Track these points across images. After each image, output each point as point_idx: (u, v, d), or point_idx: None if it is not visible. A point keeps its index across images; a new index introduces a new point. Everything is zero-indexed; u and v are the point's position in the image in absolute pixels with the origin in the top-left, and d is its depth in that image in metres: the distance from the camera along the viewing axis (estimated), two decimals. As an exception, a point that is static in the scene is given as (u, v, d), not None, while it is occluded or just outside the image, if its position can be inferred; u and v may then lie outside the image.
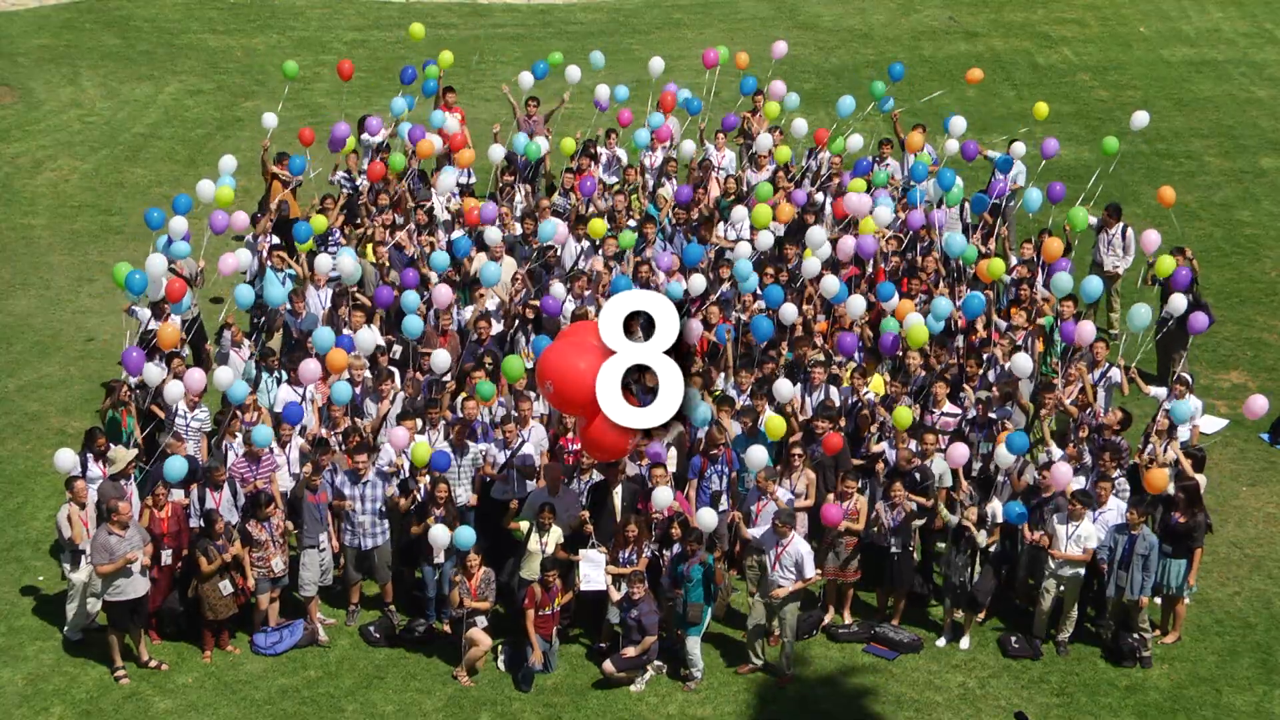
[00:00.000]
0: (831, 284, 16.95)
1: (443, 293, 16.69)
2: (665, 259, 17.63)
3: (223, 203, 18.03)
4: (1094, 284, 17.00)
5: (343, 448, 15.01)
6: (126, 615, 14.04)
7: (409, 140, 19.93)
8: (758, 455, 14.52)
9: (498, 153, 19.88)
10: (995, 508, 14.70)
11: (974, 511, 14.45)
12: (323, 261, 17.49)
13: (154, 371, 15.36)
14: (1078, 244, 18.71)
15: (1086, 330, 16.24)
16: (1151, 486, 14.36)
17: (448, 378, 16.06)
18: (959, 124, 20.28)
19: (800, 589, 14.18)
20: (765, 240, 17.88)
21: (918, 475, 14.97)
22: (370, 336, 16.08)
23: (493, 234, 17.97)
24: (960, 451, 14.63)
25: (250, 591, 14.50)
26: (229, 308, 17.69)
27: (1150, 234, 17.83)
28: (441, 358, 15.69)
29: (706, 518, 14.13)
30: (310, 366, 15.70)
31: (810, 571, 14.11)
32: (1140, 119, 20.42)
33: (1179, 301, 16.74)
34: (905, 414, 15.11)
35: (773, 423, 15.07)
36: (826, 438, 15.05)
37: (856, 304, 16.77)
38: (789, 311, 16.65)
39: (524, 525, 14.61)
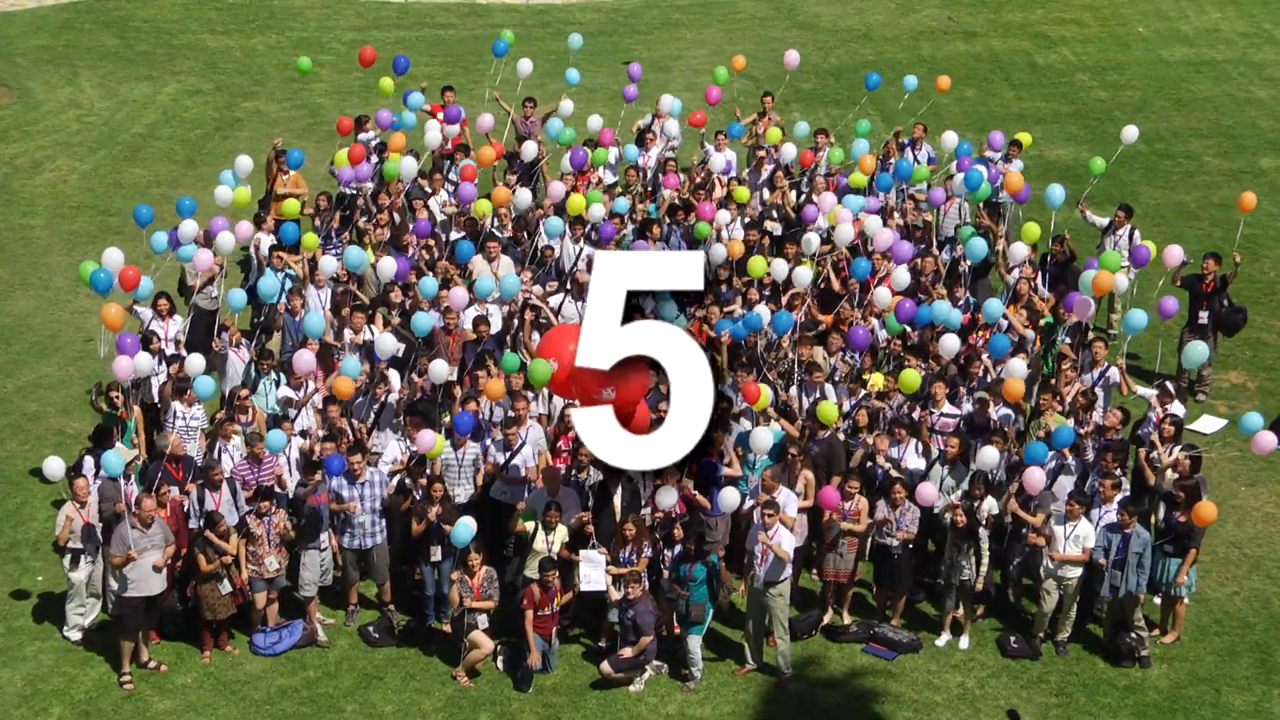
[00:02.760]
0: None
1: (459, 296, 16.70)
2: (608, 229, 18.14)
3: (240, 203, 18.13)
4: (1139, 317, 16.35)
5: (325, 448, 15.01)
6: (140, 613, 14.02)
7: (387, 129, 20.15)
8: (762, 438, 14.63)
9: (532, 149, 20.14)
10: (991, 505, 14.70)
11: (959, 512, 14.44)
12: (327, 264, 17.46)
13: (146, 361, 15.44)
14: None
15: (1083, 302, 16.33)
16: (1201, 520, 14.29)
17: (453, 378, 16.08)
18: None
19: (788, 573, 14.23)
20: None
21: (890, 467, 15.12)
22: (391, 341, 16.00)
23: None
24: (929, 492, 14.65)
25: (246, 589, 14.48)
26: (226, 308, 17.69)
27: (1173, 249, 17.71)
28: (440, 367, 15.66)
29: (729, 498, 14.24)
30: (304, 357, 15.71)
31: (788, 546, 14.12)
32: (1130, 133, 20.43)
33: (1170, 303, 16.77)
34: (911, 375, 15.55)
35: (825, 409, 15.27)
36: (745, 387, 15.16)
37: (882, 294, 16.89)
38: (802, 274, 16.89)
39: (530, 525, 14.61)
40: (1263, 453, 15.16)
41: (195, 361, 15.55)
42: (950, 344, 16.06)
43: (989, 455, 14.61)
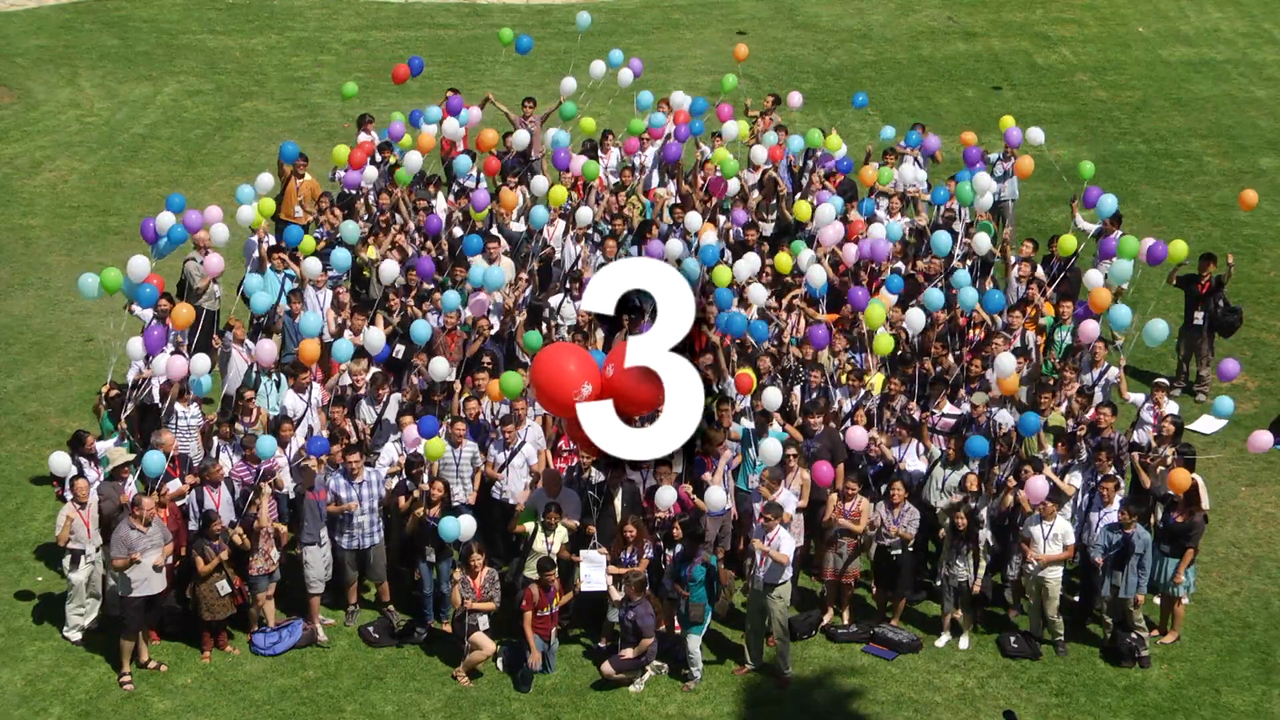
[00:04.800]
0: (817, 276, 17.02)
1: (481, 300, 16.69)
2: (656, 247, 17.66)
3: (258, 223, 18.08)
4: (1160, 328, 16.02)
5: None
6: (140, 613, 14.03)
7: (390, 135, 20.06)
8: (772, 449, 14.52)
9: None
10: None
11: (960, 514, 14.44)
12: (311, 265, 17.39)
13: (177, 361, 15.52)
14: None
15: (1091, 329, 16.31)
16: (1175, 486, 14.33)
17: (452, 378, 16.09)
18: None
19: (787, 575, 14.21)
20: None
21: (880, 465, 15.21)
22: (378, 336, 16.04)
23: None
24: (858, 435, 14.99)
25: (245, 590, 14.49)
26: (233, 307, 17.70)
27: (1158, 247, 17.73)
28: (440, 365, 15.68)
29: (715, 497, 14.23)
30: (266, 347, 15.86)
31: (788, 549, 14.10)
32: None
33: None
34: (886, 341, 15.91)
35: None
36: (738, 379, 15.21)
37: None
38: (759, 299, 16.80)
39: (529, 526, 14.62)
40: (1259, 451, 15.19)
41: (200, 361, 15.58)
42: (916, 318, 16.34)
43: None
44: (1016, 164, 19.41)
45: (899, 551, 14.75)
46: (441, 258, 18.16)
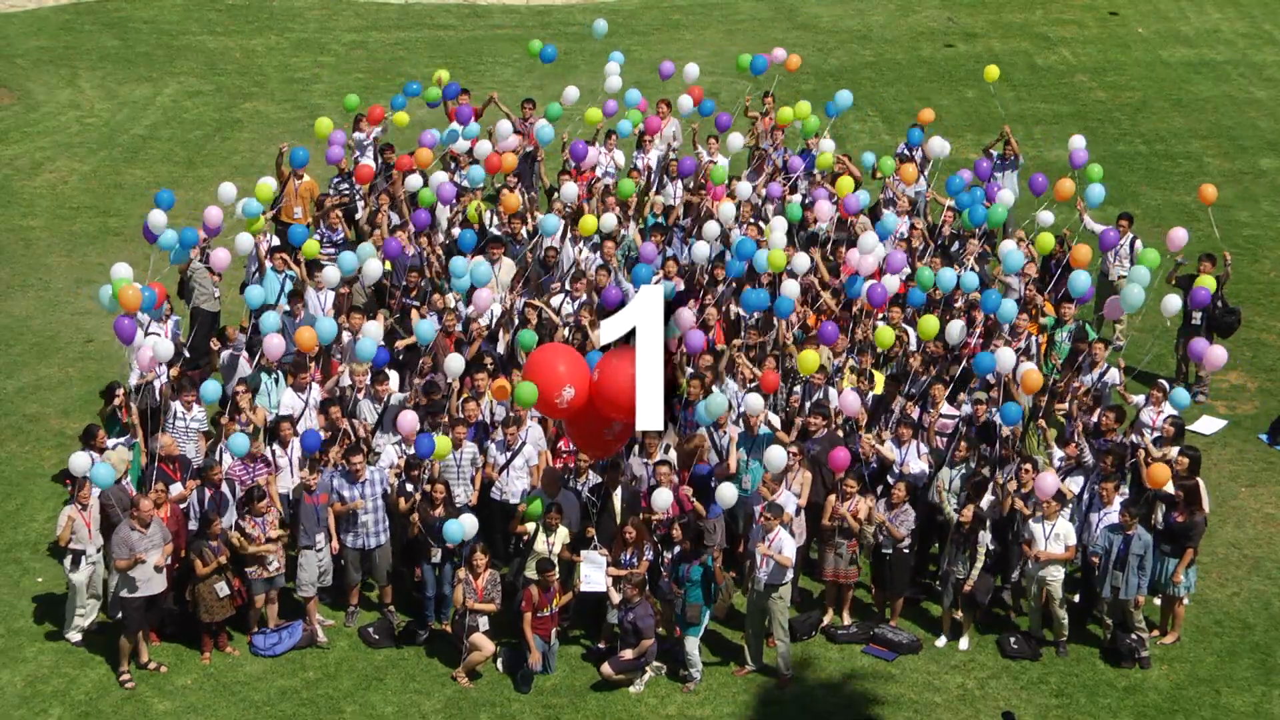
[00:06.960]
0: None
1: (483, 297, 16.69)
2: (648, 248, 17.80)
3: (258, 226, 17.98)
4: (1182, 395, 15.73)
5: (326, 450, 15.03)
6: (141, 613, 14.04)
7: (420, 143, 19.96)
8: (777, 456, 14.44)
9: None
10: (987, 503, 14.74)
11: (969, 511, 14.46)
12: (330, 274, 17.38)
13: (146, 350, 15.50)
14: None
15: (1112, 303, 16.26)
16: (1153, 481, 14.35)
17: (452, 379, 16.10)
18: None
19: (787, 573, 14.18)
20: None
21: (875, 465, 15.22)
22: (370, 343, 16.03)
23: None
24: (851, 400, 15.22)
25: (244, 591, 14.49)
26: (241, 311, 17.71)
27: (1177, 232, 17.69)
28: (455, 362, 15.67)
29: (726, 494, 14.21)
30: (274, 341, 15.73)
31: (790, 551, 14.07)
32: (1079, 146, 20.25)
33: (1173, 301, 16.66)
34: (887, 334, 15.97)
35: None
36: (764, 375, 15.33)
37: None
38: (801, 261, 16.89)
39: (530, 526, 14.62)
40: (1214, 367, 15.45)
41: (163, 345, 15.42)
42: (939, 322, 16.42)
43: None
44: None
45: (889, 551, 14.75)
46: (433, 258, 18.19)
